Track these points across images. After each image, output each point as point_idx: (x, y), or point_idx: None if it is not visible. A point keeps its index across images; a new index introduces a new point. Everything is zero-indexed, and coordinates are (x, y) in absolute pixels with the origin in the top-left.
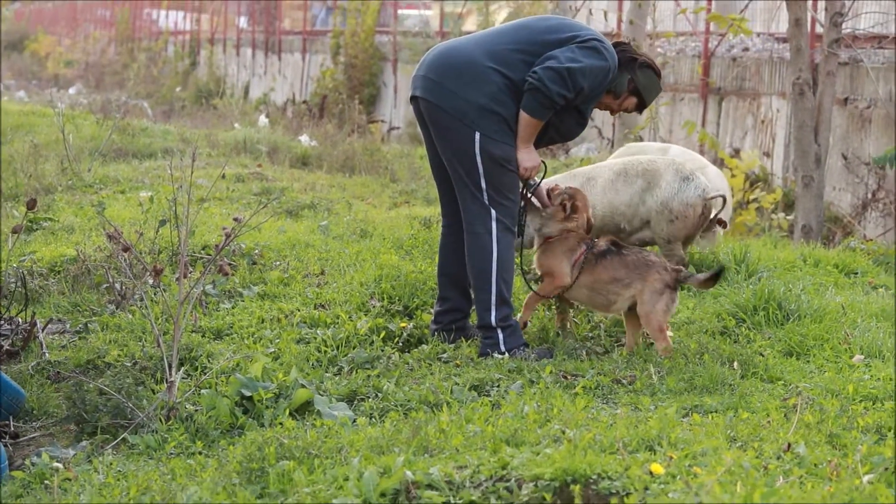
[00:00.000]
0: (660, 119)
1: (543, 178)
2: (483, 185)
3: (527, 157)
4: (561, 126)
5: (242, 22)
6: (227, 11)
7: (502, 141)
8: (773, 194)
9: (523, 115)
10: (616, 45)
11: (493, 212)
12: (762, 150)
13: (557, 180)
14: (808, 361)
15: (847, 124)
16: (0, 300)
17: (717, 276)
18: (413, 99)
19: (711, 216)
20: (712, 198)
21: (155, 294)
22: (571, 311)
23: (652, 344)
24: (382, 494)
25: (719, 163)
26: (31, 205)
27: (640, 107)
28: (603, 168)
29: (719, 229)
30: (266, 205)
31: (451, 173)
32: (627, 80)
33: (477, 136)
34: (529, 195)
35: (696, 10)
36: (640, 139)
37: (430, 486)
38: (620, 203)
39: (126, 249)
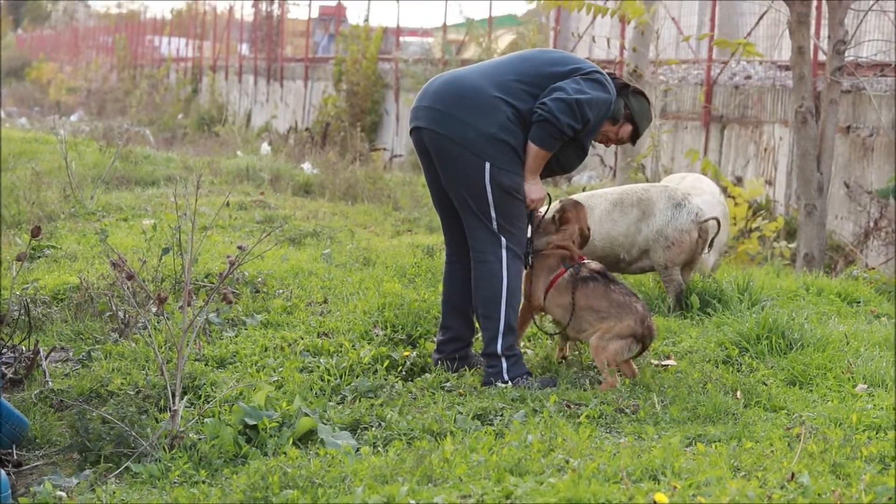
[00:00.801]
0: (662, 147)
1: (549, 209)
2: (493, 214)
3: (534, 188)
4: (562, 158)
5: (244, 49)
6: (229, 38)
7: (511, 171)
8: (775, 222)
9: (531, 147)
10: (608, 75)
11: (502, 240)
12: (764, 178)
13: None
14: (812, 391)
15: (849, 152)
16: (3, 328)
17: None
18: (415, 130)
19: (710, 238)
20: (705, 220)
21: (158, 322)
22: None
23: (658, 372)
24: None
25: (723, 190)
26: (35, 232)
27: (634, 136)
28: (599, 198)
29: (708, 254)
30: (269, 233)
31: (457, 203)
32: (623, 105)
33: (487, 165)
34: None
35: (699, 36)
36: (643, 167)
37: None
38: (618, 234)
39: (130, 277)
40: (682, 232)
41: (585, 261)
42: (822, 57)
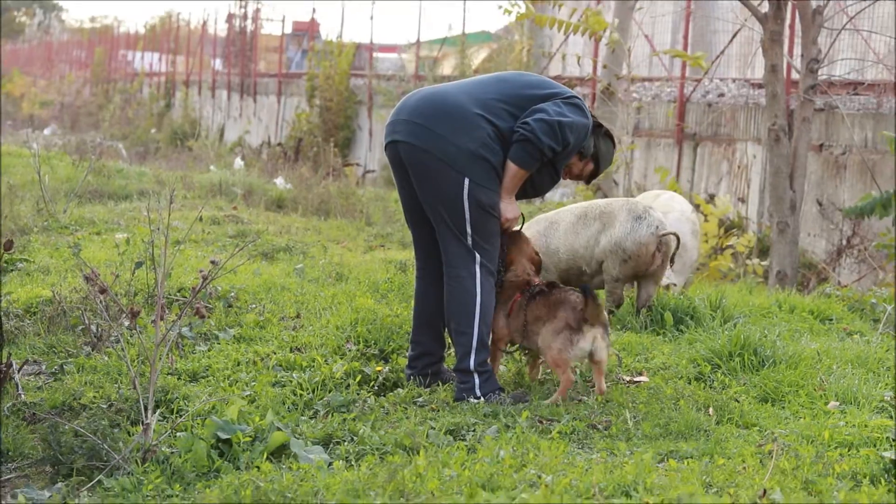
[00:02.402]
0: (633, 163)
1: (521, 227)
2: (468, 230)
3: (509, 207)
4: (536, 180)
5: (217, 64)
6: (203, 53)
7: (489, 188)
8: (746, 236)
9: (511, 166)
10: None
11: (476, 256)
12: (737, 195)
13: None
14: (784, 407)
15: (822, 170)
16: None
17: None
18: (392, 143)
19: (671, 253)
20: (665, 234)
21: (131, 336)
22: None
23: (629, 387)
24: None
25: (695, 208)
26: (7, 246)
27: (593, 175)
28: (565, 212)
29: (674, 279)
30: (242, 248)
31: (432, 217)
32: (592, 144)
33: (466, 181)
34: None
35: (665, 51)
36: (616, 183)
37: None
38: (580, 246)
39: (103, 291)
40: (641, 244)
41: (537, 282)
42: (795, 75)
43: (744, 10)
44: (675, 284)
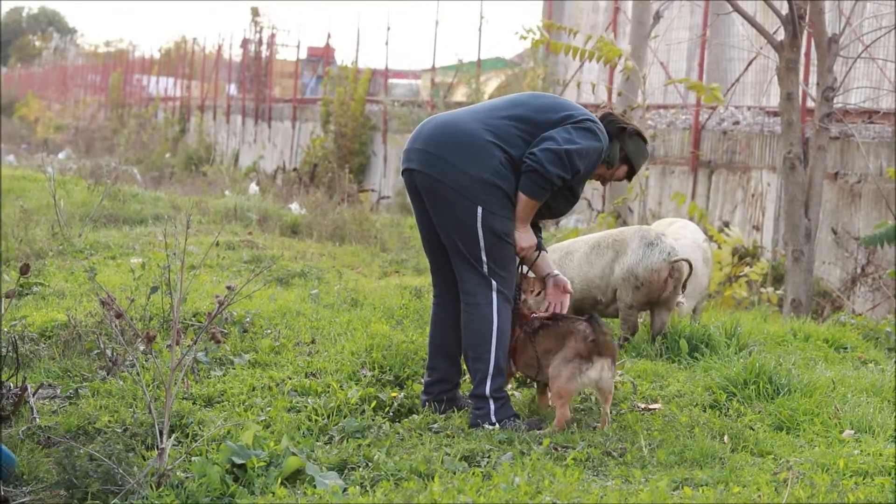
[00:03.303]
0: (648, 190)
1: (538, 256)
2: (484, 257)
3: (523, 236)
4: (552, 203)
5: (232, 89)
6: (218, 78)
7: (503, 215)
8: (760, 264)
9: (521, 196)
10: (604, 117)
11: (493, 283)
12: (752, 223)
13: None
14: (799, 436)
15: (837, 199)
16: None
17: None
18: (407, 171)
19: (684, 279)
20: (677, 260)
21: (146, 360)
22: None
23: (644, 414)
24: None
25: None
26: (24, 270)
27: (630, 174)
28: (580, 242)
29: (683, 297)
30: (258, 273)
31: (447, 245)
32: (619, 149)
33: (479, 210)
34: (526, 272)
35: (680, 80)
36: (631, 210)
37: None
38: (594, 276)
39: (119, 316)
40: (653, 271)
41: (534, 314)
42: (810, 103)
43: (759, 37)
44: (682, 302)
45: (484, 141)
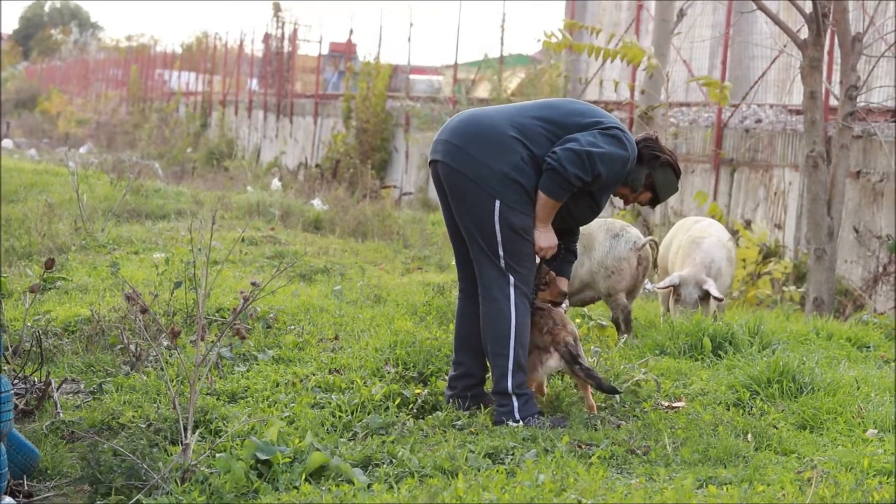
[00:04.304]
0: None
1: (560, 257)
2: (501, 252)
3: (542, 236)
4: (575, 211)
5: (254, 84)
6: (239, 73)
7: (521, 211)
8: (782, 263)
9: (540, 195)
10: (643, 139)
11: (510, 278)
12: (774, 221)
13: None
14: (822, 435)
15: (859, 197)
16: (15, 359)
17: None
18: (433, 162)
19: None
20: (642, 246)
21: (170, 356)
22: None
23: (668, 412)
24: None
25: (734, 235)
26: (49, 264)
27: (654, 202)
28: None
29: (713, 302)
30: (282, 270)
31: (467, 238)
32: (646, 175)
33: (497, 203)
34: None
35: (697, 78)
36: (653, 209)
37: None
38: (583, 273)
39: (144, 311)
40: (621, 260)
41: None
42: (833, 102)
43: (782, 35)
44: (722, 299)
45: (507, 136)
